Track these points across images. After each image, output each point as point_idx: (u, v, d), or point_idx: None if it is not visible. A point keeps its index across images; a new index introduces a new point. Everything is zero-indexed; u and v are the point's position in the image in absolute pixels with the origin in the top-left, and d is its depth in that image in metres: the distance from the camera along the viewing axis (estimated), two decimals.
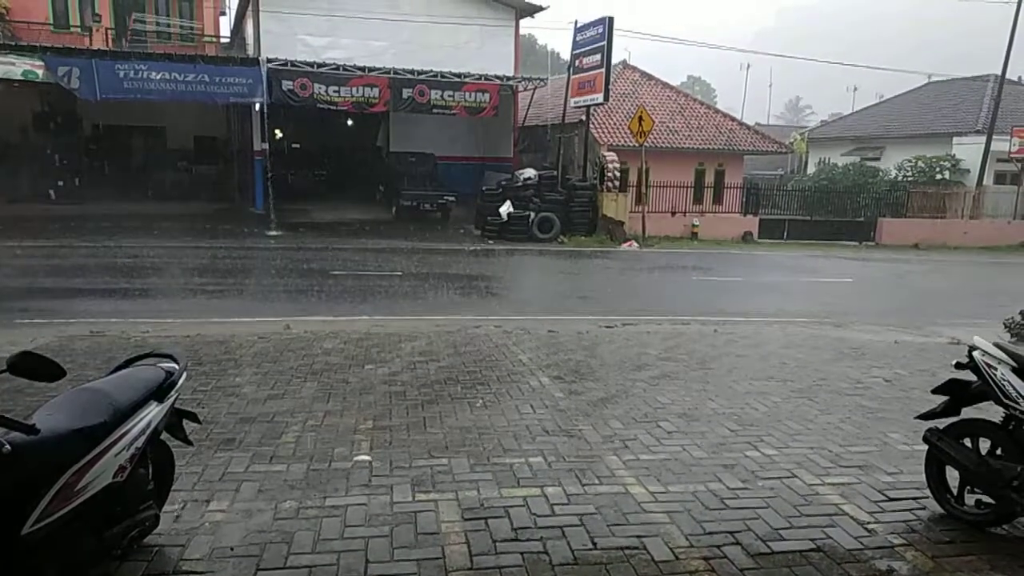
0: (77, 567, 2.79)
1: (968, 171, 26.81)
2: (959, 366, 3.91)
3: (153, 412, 3.07)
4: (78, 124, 22.20)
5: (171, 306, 9.67)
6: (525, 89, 23.02)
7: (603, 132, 23.20)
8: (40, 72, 17.05)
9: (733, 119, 27.45)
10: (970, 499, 3.88)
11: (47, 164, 20.67)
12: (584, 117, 21.06)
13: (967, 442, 3.92)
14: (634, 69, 27.93)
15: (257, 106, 19.02)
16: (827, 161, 33.75)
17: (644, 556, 3.46)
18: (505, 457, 4.59)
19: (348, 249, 15.62)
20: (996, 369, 3.69)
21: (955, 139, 28.12)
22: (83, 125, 22.61)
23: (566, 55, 23.83)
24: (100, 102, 18.30)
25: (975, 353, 3.82)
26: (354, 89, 19.80)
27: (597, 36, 19.72)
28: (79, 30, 22.63)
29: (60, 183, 20.72)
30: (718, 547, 3.56)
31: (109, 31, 22.69)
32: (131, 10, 24.07)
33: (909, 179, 27.19)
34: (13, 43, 18.24)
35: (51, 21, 22.50)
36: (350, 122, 26.56)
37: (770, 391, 6.30)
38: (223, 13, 29.65)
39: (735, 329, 9.12)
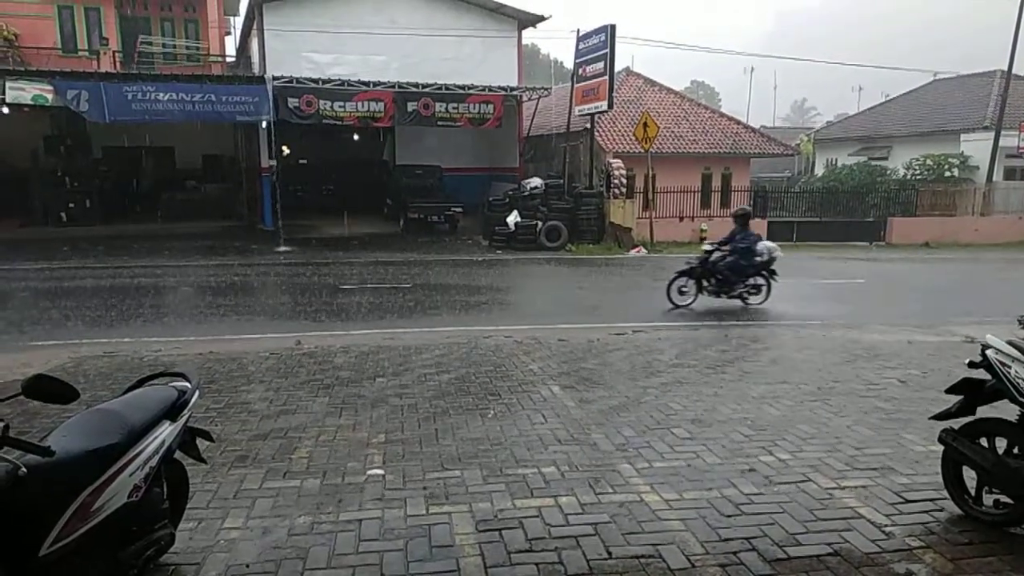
0: None
1: (977, 168, 26.63)
2: (973, 365, 3.88)
3: (166, 431, 3.10)
4: (88, 147, 22.43)
5: (183, 325, 9.73)
6: (529, 99, 23.10)
7: (608, 139, 23.24)
8: (50, 96, 17.24)
9: (738, 122, 27.46)
10: (988, 499, 3.84)
11: (58, 187, 20.85)
12: (589, 125, 21.10)
13: (983, 441, 3.88)
14: (637, 75, 28.01)
15: (264, 123, 19.16)
16: (834, 162, 33.63)
17: (660, 564, 3.44)
18: (518, 468, 4.58)
19: (357, 263, 15.67)
20: (1010, 367, 3.66)
21: (963, 136, 27.95)
22: (93, 147, 22.84)
23: (569, 63, 23.89)
24: (109, 124, 18.50)
25: (988, 351, 3.79)
26: (359, 104, 19.92)
27: (599, 44, 19.78)
28: (87, 54, 22.86)
29: (71, 205, 20.89)
30: (734, 554, 3.55)
31: (117, 54, 22.92)
32: (138, 33, 24.32)
33: (918, 177, 27.05)
34: (23, 68, 18.47)
35: (59, 46, 22.76)
36: (356, 137, 26.72)
37: (783, 394, 6.27)
38: (228, 33, 29.95)
39: (746, 333, 9.09)
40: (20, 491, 2.38)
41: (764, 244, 11.16)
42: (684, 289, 11.04)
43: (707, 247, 11.31)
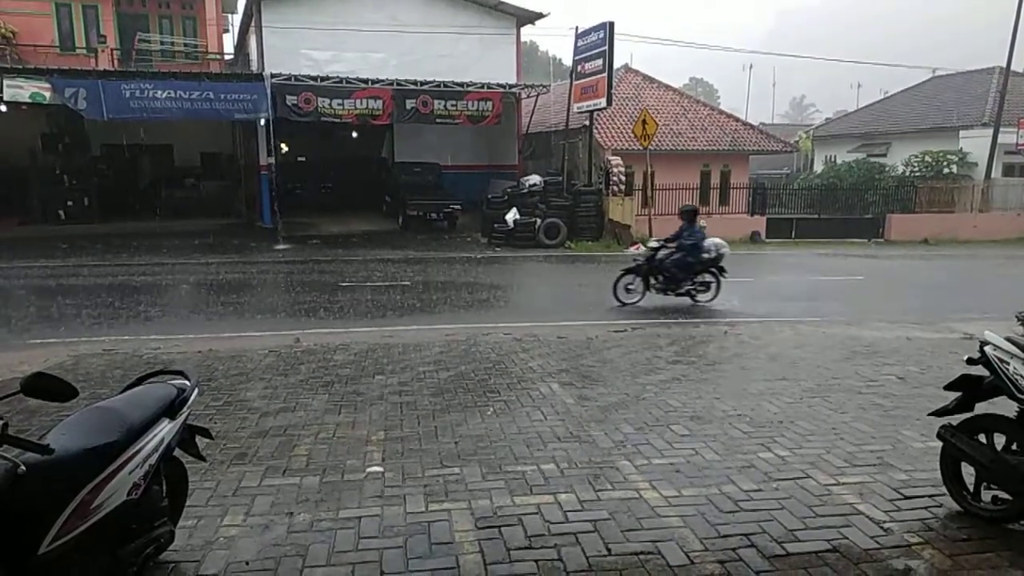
0: None
1: (976, 164, 26.67)
2: (971, 361, 3.88)
3: (165, 429, 3.10)
4: (86, 144, 22.37)
5: (182, 323, 9.72)
6: (528, 96, 23.07)
7: (607, 136, 23.22)
8: (47, 94, 17.21)
9: (737, 119, 27.44)
10: (987, 495, 3.85)
11: (56, 185, 20.80)
12: (587, 122, 21.07)
13: (982, 438, 3.89)
14: (636, 72, 27.98)
15: (262, 121, 19.13)
16: (833, 159, 33.65)
17: (659, 561, 3.45)
18: (517, 465, 4.59)
19: (356, 260, 15.67)
20: (1008, 363, 3.67)
21: (961, 133, 27.97)
22: (91, 145, 22.78)
23: (568, 60, 23.87)
24: (107, 122, 18.47)
25: (987, 348, 3.80)
26: (358, 102, 19.89)
27: (598, 41, 19.74)
28: (85, 52, 22.82)
29: (69, 203, 20.86)
30: (733, 550, 3.55)
31: (114, 52, 22.88)
32: (135, 30, 24.29)
33: (916, 174, 27.07)
34: (21, 66, 18.43)
35: (57, 44, 22.71)
36: (355, 134, 26.70)
37: (782, 391, 6.28)
38: (226, 30, 29.85)
39: (745, 330, 9.09)
40: (19, 489, 2.37)
41: (712, 241, 11.05)
42: (631, 287, 10.91)
43: (653, 244, 11.18)
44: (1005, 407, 3.84)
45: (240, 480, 4.31)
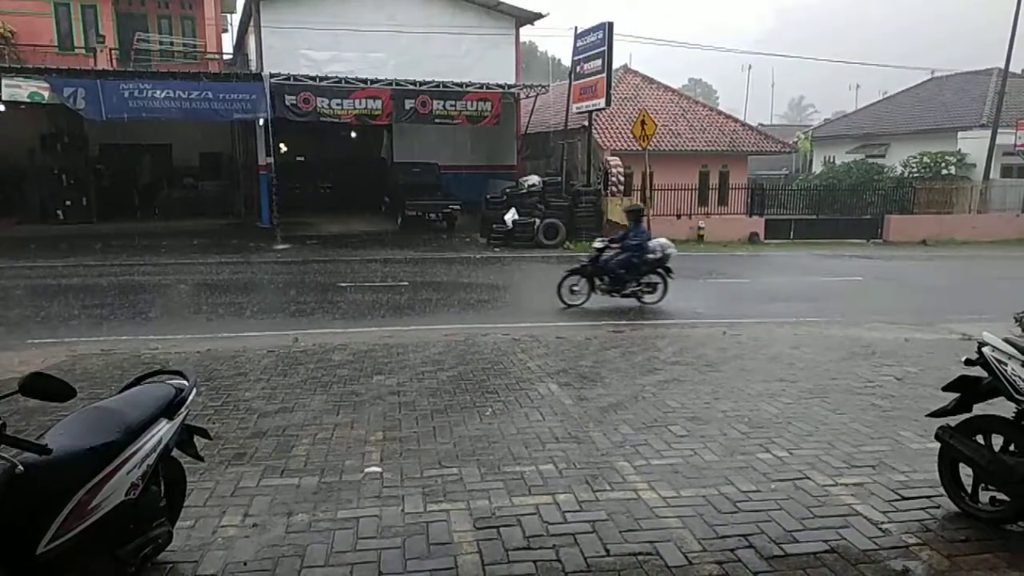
0: None
1: (974, 165, 26.71)
2: (969, 362, 3.88)
3: (164, 429, 3.10)
4: (85, 144, 22.35)
5: (180, 323, 9.72)
6: (527, 96, 23.08)
7: (606, 137, 23.24)
8: (46, 94, 17.21)
9: (736, 120, 27.46)
10: (984, 496, 3.85)
11: (54, 184, 20.78)
12: (586, 122, 21.08)
13: (980, 439, 3.89)
14: (635, 73, 28.00)
15: (261, 121, 19.13)
16: (832, 159, 33.69)
17: (657, 562, 3.45)
18: (515, 465, 4.59)
19: (355, 261, 15.66)
20: (1007, 364, 3.67)
21: (960, 134, 28.01)
22: (90, 145, 22.77)
23: (567, 61, 23.86)
24: (106, 122, 18.46)
25: (985, 349, 3.80)
26: (357, 102, 19.89)
27: (597, 41, 19.76)
28: (84, 51, 22.83)
29: (68, 203, 20.84)
30: (731, 551, 3.55)
31: (113, 51, 22.88)
32: (134, 30, 24.28)
33: (915, 175, 27.09)
34: (19, 66, 18.42)
35: (56, 43, 22.70)
36: (354, 134, 26.72)
37: (780, 392, 6.28)
38: (225, 30, 29.85)
39: (744, 331, 9.09)
40: (17, 489, 2.37)
41: (657, 241, 10.95)
42: (576, 288, 10.79)
43: (598, 245, 11.10)
44: (1003, 408, 3.85)
45: (238, 480, 4.31)
